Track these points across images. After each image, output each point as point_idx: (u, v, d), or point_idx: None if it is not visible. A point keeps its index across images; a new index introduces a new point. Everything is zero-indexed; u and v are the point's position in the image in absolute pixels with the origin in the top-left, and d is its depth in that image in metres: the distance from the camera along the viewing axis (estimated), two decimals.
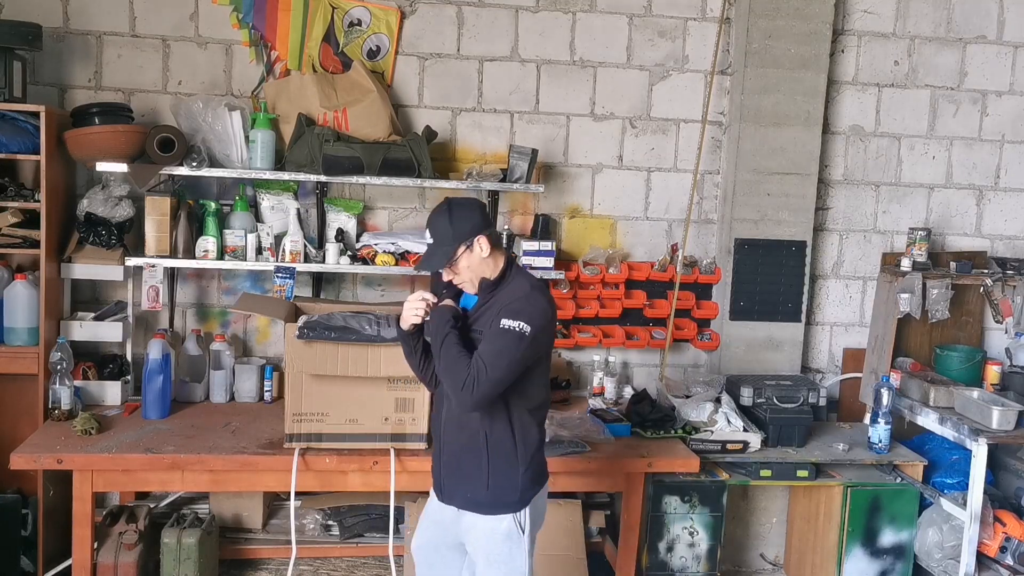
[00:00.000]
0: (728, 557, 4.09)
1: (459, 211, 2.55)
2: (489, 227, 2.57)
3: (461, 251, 2.52)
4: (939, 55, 4.38)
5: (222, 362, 3.83)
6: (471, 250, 2.53)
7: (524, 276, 2.61)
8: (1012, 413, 3.60)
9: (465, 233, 2.52)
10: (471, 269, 2.55)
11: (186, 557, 3.45)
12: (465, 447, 2.59)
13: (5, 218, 3.52)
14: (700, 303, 4.26)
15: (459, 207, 2.57)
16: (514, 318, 2.44)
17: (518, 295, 2.51)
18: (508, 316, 2.45)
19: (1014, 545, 3.73)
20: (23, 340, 3.57)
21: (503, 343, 2.43)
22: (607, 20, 4.15)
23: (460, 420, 2.59)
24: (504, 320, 2.45)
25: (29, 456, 3.13)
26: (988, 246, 4.53)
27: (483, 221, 2.56)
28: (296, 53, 3.93)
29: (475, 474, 2.58)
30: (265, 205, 3.92)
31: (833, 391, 4.42)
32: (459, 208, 2.56)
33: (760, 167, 4.14)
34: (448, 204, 2.58)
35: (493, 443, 2.56)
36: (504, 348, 2.43)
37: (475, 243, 2.53)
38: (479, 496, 2.59)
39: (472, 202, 2.63)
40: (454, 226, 2.52)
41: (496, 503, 2.59)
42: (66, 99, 3.86)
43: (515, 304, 2.48)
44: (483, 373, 2.41)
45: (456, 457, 2.62)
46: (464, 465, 2.61)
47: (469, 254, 2.53)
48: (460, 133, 4.13)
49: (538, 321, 2.47)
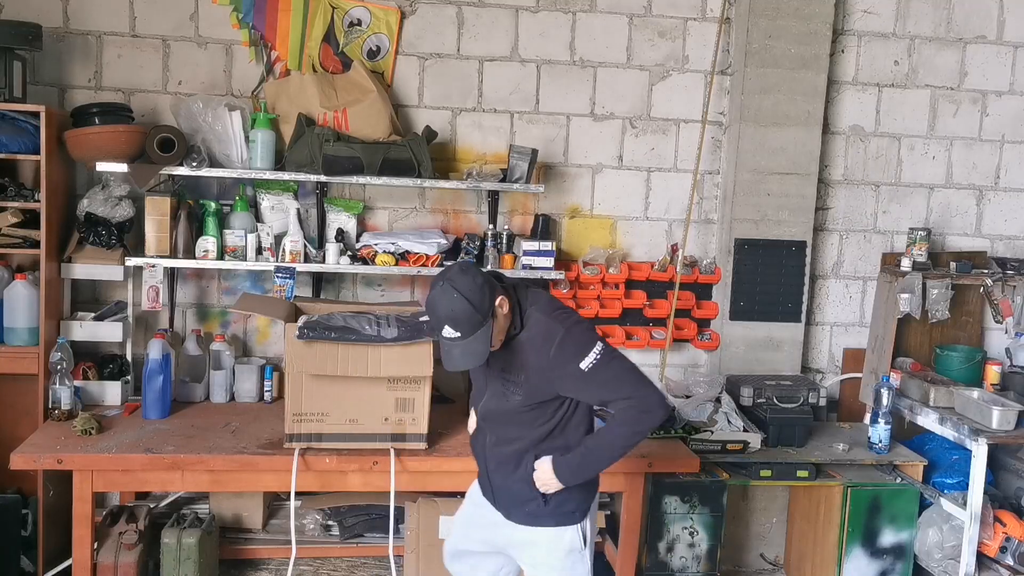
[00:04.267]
0: (728, 557, 4.09)
1: (468, 290, 2.31)
2: (490, 282, 2.38)
3: (491, 327, 2.35)
4: (939, 55, 4.38)
5: (222, 362, 3.83)
6: (496, 318, 2.37)
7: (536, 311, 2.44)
8: (1012, 413, 3.60)
9: (487, 307, 2.33)
10: (502, 331, 2.42)
11: (186, 557, 3.44)
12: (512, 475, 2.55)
13: (5, 218, 3.52)
14: (700, 303, 4.26)
15: (464, 288, 2.31)
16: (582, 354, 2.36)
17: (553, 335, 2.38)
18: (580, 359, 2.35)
19: (1014, 545, 3.73)
20: (23, 340, 3.57)
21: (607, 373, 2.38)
22: (607, 20, 4.16)
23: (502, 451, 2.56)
24: (582, 364, 2.35)
25: (29, 456, 3.13)
26: (988, 246, 4.53)
27: (486, 282, 2.36)
28: (296, 53, 3.93)
29: (531, 495, 2.53)
30: (265, 205, 3.92)
31: (833, 391, 4.42)
32: (465, 287, 2.31)
33: (760, 167, 4.14)
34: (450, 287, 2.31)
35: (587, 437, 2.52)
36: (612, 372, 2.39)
37: (498, 311, 2.38)
38: (538, 511, 2.54)
39: (466, 268, 2.39)
40: (477, 307, 2.30)
41: (557, 514, 2.54)
42: (66, 99, 3.86)
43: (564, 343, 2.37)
44: (639, 392, 2.38)
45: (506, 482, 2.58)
46: (517, 491, 2.56)
47: (496, 322, 2.38)
48: (460, 133, 4.13)
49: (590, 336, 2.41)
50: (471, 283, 2.32)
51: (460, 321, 2.30)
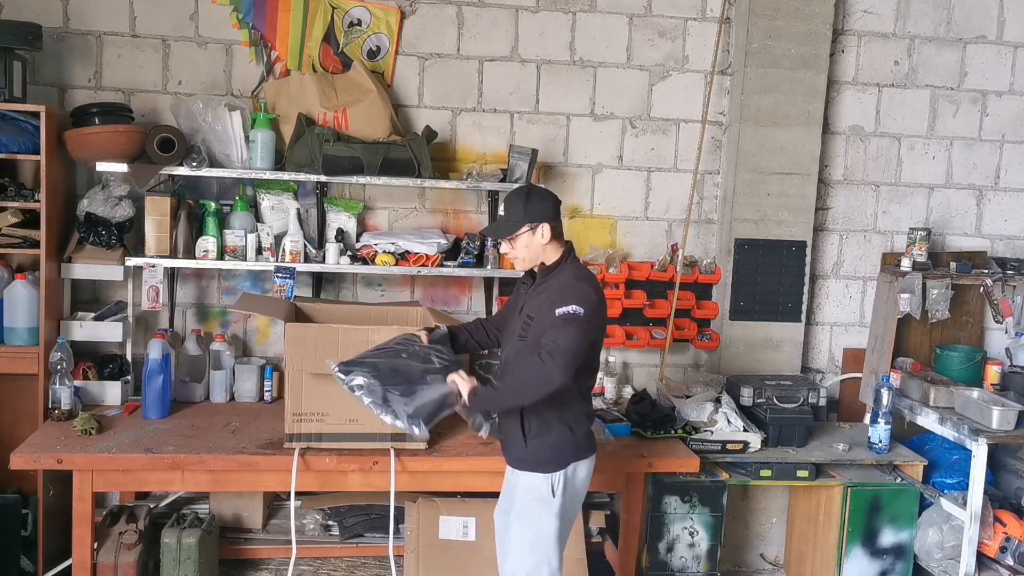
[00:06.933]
0: (728, 557, 4.09)
1: (536, 196, 2.80)
2: (557, 219, 2.79)
3: (524, 230, 2.75)
4: (939, 55, 4.38)
5: (222, 362, 3.83)
6: (533, 232, 2.75)
7: (573, 268, 2.81)
8: (1012, 413, 3.60)
9: (535, 216, 2.75)
10: (529, 249, 2.78)
11: (186, 557, 3.45)
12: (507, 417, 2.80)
13: (5, 218, 3.52)
14: (700, 303, 4.26)
15: (537, 193, 2.82)
16: (565, 304, 2.64)
17: (565, 285, 2.71)
18: (560, 304, 2.64)
19: (1014, 545, 3.73)
20: (23, 340, 3.57)
21: (564, 327, 2.62)
22: (607, 20, 4.16)
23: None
24: (558, 309, 2.64)
25: (29, 456, 3.13)
26: (988, 246, 4.53)
27: (554, 212, 2.79)
28: (296, 53, 3.93)
29: (515, 433, 2.78)
30: (265, 205, 3.92)
31: (833, 391, 4.42)
32: (537, 194, 2.82)
33: (760, 167, 4.14)
34: (528, 188, 2.87)
35: (528, 407, 2.72)
36: (564, 330, 2.62)
37: (539, 228, 2.75)
38: (520, 453, 2.80)
39: (550, 194, 2.84)
40: (527, 207, 2.75)
41: (533, 461, 2.77)
42: (66, 99, 3.86)
43: (564, 291, 2.68)
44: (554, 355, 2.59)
45: (504, 423, 2.83)
46: (506, 426, 2.82)
47: (531, 235, 2.76)
48: (460, 133, 4.13)
49: (586, 303, 2.66)
50: (539, 196, 2.81)
51: (509, 205, 2.80)
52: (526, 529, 2.79)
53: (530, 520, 2.78)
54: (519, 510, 2.81)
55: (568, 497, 2.80)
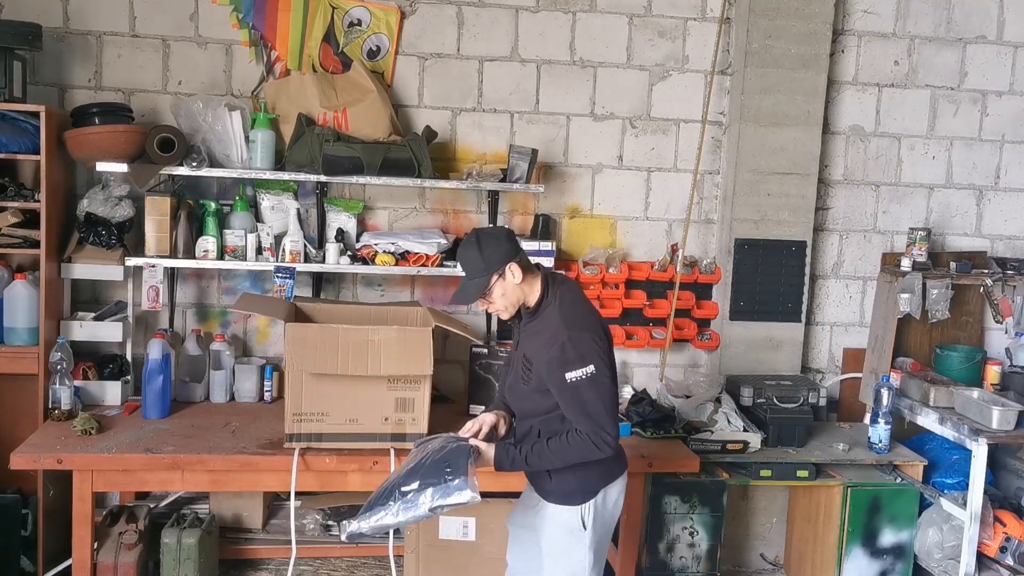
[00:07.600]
0: (728, 557, 4.09)
1: (488, 240, 2.58)
2: (519, 253, 2.59)
3: (494, 280, 2.56)
4: (939, 55, 4.38)
5: (222, 362, 3.83)
6: (503, 278, 2.56)
7: (559, 307, 2.57)
8: (1012, 413, 3.60)
9: (495, 261, 2.55)
10: (506, 296, 2.59)
11: (186, 557, 3.45)
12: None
13: (5, 218, 3.52)
14: (700, 303, 4.26)
15: (487, 237, 2.60)
16: (573, 368, 2.47)
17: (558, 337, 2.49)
18: (568, 369, 2.47)
19: (1014, 545, 3.73)
20: (23, 340, 3.57)
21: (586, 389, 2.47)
22: (607, 20, 4.16)
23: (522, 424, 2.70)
24: (567, 374, 2.47)
25: (29, 456, 3.13)
26: (988, 246, 4.53)
27: (512, 248, 2.58)
28: (296, 53, 3.93)
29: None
30: (265, 205, 3.92)
31: (833, 391, 4.42)
32: (487, 238, 2.59)
33: (760, 167, 4.14)
34: (476, 235, 2.61)
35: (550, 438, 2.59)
36: (587, 395, 2.48)
37: (507, 270, 2.55)
38: (546, 485, 2.66)
39: (499, 231, 2.72)
40: (484, 257, 2.55)
41: (560, 493, 2.64)
42: (66, 99, 3.86)
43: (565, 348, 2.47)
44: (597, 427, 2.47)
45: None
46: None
47: (502, 282, 2.57)
48: (460, 133, 4.13)
49: (589, 351, 2.49)
50: (491, 239, 2.58)
51: (466, 262, 2.60)
52: (557, 567, 2.66)
53: (560, 557, 2.65)
54: (549, 546, 2.66)
55: (600, 524, 2.66)
